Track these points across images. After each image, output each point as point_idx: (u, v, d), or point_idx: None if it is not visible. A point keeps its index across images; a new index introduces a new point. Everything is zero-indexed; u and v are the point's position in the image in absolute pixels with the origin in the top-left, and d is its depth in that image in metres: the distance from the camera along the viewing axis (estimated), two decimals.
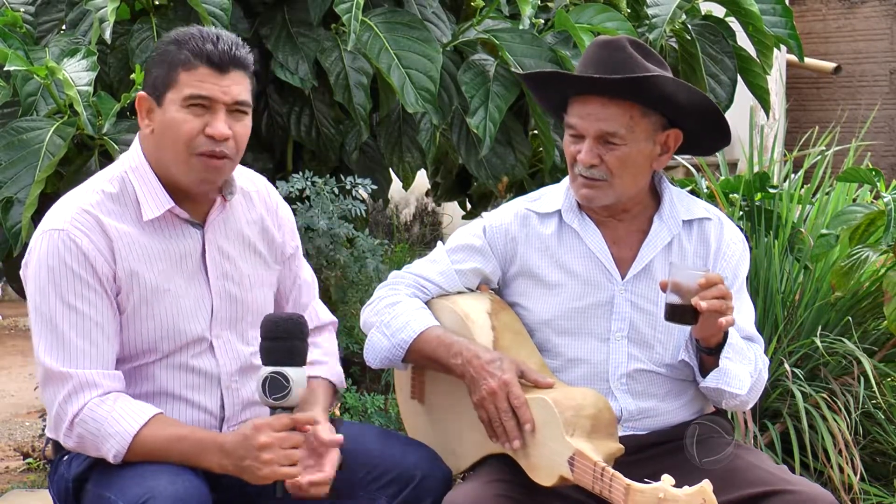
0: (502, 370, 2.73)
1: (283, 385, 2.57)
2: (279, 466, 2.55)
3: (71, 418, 2.63)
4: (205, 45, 2.65)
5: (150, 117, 2.71)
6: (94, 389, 2.63)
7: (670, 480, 2.42)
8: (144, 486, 2.55)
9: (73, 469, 2.71)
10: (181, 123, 2.65)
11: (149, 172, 2.71)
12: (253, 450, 2.55)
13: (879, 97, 8.33)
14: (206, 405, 2.76)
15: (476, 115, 4.07)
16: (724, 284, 2.70)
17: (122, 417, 2.61)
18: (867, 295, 4.31)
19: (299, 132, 4.27)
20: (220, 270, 2.78)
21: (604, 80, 2.76)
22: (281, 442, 2.56)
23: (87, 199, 2.69)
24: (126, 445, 2.61)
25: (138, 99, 2.72)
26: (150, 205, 2.70)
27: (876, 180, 4.13)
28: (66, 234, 2.64)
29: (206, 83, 2.65)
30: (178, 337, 2.73)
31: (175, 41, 2.68)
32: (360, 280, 4.16)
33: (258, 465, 2.55)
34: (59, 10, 4.07)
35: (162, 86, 2.67)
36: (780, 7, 4.38)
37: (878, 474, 4.15)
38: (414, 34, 4.02)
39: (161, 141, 2.69)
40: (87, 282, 2.64)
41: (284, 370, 2.58)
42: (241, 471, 2.58)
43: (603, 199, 2.86)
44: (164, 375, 2.73)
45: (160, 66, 2.68)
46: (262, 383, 2.58)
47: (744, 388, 2.80)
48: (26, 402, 6.31)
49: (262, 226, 2.87)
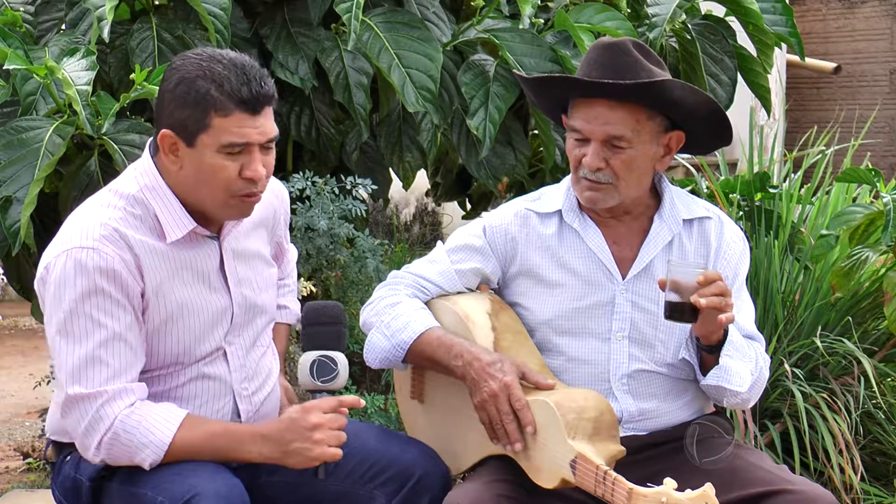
0: (503, 372, 2.72)
1: (331, 368, 2.71)
2: (328, 447, 2.61)
3: (103, 433, 2.60)
4: (240, 89, 2.57)
5: (177, 155, 2.64)
6: (123, 401, 2.61)
7: (672, 484, 2.42)
8: (186, 484, 2.55)
9: (87, 469, 2.69)
10: (219, 170, 2.61)
11: (168, 194, 2.67)
12: (304, 431, 2.60)
13: (879, 97, 8.33)
14: (222, 409, 2.76)
15: (476, 115, 4.06)
16: (722, 281, 2.70)
17: (154, 426, 2.60)
18: (867, 295, 4.31)
19: (299, 132, 4.26)
20: (237, 277, 2.78)
21: (618, 86, 2.75)
22: (330, 422, 2.62)
23: (110, 215, 2.65)
24: (163, 453, 2.61)
25: (162, 136, 2.63)
26: (172, 227, 2.67)
27: (875, 180, 4.12)
28: (95, 252, 2.59)
29: (244, 129, 2.60)
30: (198, 350, 2.73)
31: (205, 77, 2.59)
32: (360, 280, 4.16)
33: (309, 446, 2.60)
34: (59, 10, 4.07)
35: (194, 127, 2.60)
36: (781, 5, 4.37)
37: (878, 474, 4.15)
38: (414, 34, 4.02)
39: (196, 181, 2.64)
40: (116, 299, 2.61)
41: (332, 354, 2.71)
42: (287, 455, 2.62)
43: (608, 202, 2.86)
44: (181, 384, 2.73)
45: (189, 107, 2.59)
46: (311, 367, 2.70)
47: (744, 385, 2.80)
48: (26, 402, 6.31)
49: (266, 223, 2.88)
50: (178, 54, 2.74)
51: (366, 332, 2.96)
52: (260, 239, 2.86)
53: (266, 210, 2.87)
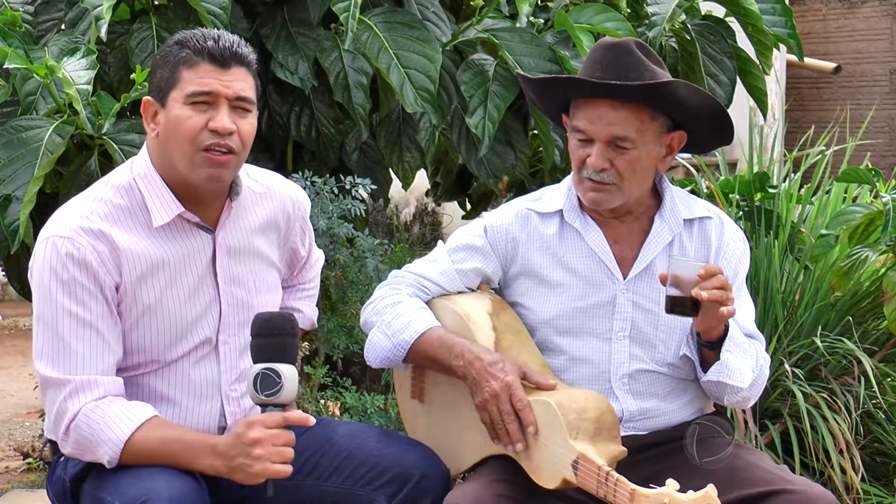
0: (505, 372, 2.72)
1: (274, 381, 2.55)
2: (270, 463, 2.53)
3: (67, 423, 2.62)
4: (206, 42, 2.65)
5: (156, 121, 2.70)
6: (89, 394, 2.62)
7: (675, 485, 2.42)
8: (141, 487, 2.54)
9: (70, 470, 2.71)
10: (184, 120, 2.65)
11: (157, 178, 2.70)
12: (245, 447, 2.53)
13: (879, 97, 8.33)
14: (208, 412, 2.75)
15: (475, 114, 4.06)
16: (723, 275, 2.70)
17: (114, 423, 2.60)
18: (867, 295, 4.31)
19: (299, 132, 4.26)
20: (229, 275, 2.77)
21: (626, 87, 2.75)
22: (273, 438, 2.53)
23: (93, 208, 2.68)
24: (118, 451, 2.60)
25: (144, 104, 2.71)
26: (159, 211, 2.69)
27: (875, 180, 4.13)
28: (69, 241, 2.63)
29: (208, 78, 2.65)
30: (181, 346, 2.72)
31: (177, 42, 2.69)
32: (360, 280, 4.15)
33: (249, 462, 2.52)
34: (59, 10, 4.07)
35: (165, 86, 2.67)
36: (780, 6, 4.37)
37: (878, 474, 4.15)
38: (413, 34, 4.01)
39: (167, 141, 2.68)
40: (88, 288, 2.63)
41: (276, 366, 2.55)
42: (232, 471, 2.56)
43: (611, 203, 2.86)
44: (165, 382, 2.72)
45: (163, 68, 2.69)
46: (254, 380, 2.55)
47: (745, 381, 2.80)
48: (26, 402, 6.31)
49: (276, 225, 2.87)
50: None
51: (366, 331, 2.95)
52: (266, 240, 2.85)
53: (277, 213, 2.87)
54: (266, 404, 2.56)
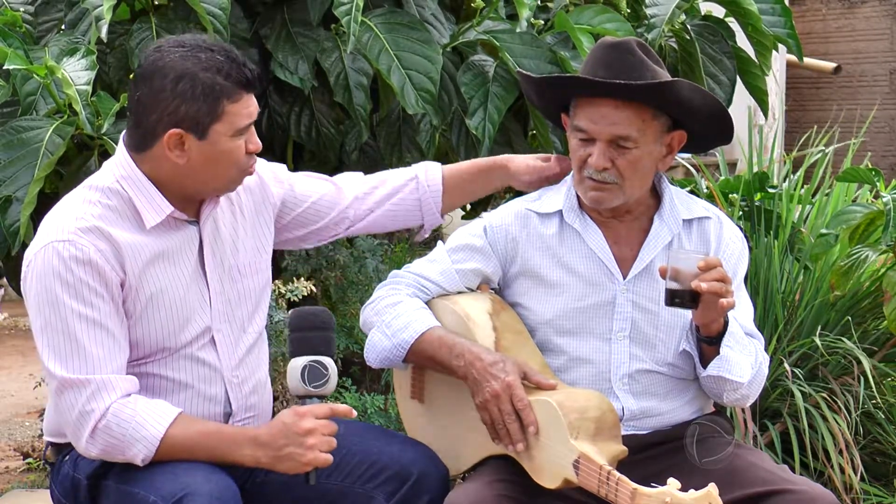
0: (505, 372, 2.72)
1: (322, 373, 2.66)
2: (320, 452, 2.61)
3: (93, 424, 2.62)
4: (241, 73, 2.67)
5: (183, 150, 2.68)
6: (113, 393, 2.62)
7: (676, 484, 2.42)
8: (179, 483, 2.56)
9: (85, 467, 2.71)
10: (235, 151, 2.70)
11: (144, 181, 2.71)
12: (297, 436, 2.60)
13: (879, 97, 8.32)
14: (215, 396, 2.77)
15: (475, 116, 4.06)
16: (722, 267, 2.71)
17: (146, 420, 2.62)
18: (867, 295, 4.31)
19: (299, 132, 4.26)
20: (216, 261, 2.80)
21: (630, 87, 2.75)
22: (323, 428, 2.62)
23: (85, 210, 2.68)
24: (154, 448, 2.61)
25: (170, 135, 2.66)
26: (149, 212, 2.70)
27: (875, 180, 4.13)
28: (70, 243, 2.63)
29: (250, 108, 2.71)
30: (183, 334, 2.74)
31: (204, 68, 2.65)
32: (360, 280, 4.16)
33: (301, 451, 2.60)
34: (59, 10, 4.07)
35: (206, 120, 2.66)
36: (780, 7, 4.37)
37: (878, 474, 4.16)
38: (414, 35, 4.01)
39: (203, 168, 2.69)
40: (94, 289, 2.63)
41: (322, 359, 2.66)
42: (278, 460, 2.62)
43: (612, 202, 2.86)
44: (173, 368, 2.74)
45: (199, 101, 2.65)
46: (301, 372, 2.65)
47: (745, 377, 2.80)
48: (26, 402, 6.32)
49: (260, 205, 2.89)
50: (148, 52, 2.76)
51: (366, 331, 2.96)
52: (252, 223, 2.88)
53: (254, 194, 2.89)
54: (310, 395, 2.67)
